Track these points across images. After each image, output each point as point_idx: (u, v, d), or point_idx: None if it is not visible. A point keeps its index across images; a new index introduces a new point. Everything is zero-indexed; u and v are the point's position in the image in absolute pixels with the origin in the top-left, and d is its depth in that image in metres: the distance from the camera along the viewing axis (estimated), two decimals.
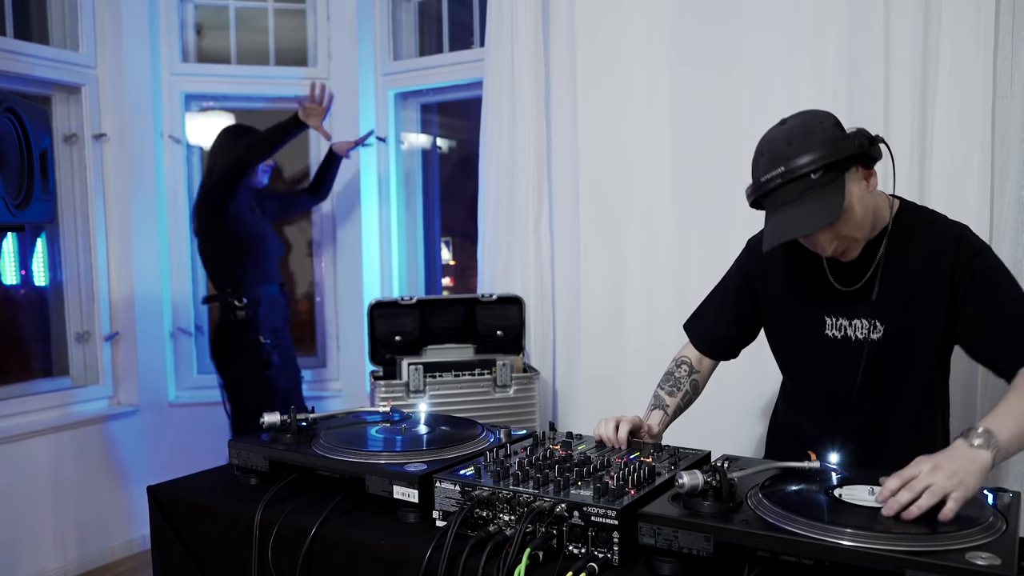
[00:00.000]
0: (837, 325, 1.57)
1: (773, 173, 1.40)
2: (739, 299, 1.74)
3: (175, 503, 1.64)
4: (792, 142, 1.40)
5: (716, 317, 1.78)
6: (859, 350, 1.54)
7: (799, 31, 2.35)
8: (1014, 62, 2.02)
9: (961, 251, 1.47)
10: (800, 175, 1.37)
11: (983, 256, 1.48)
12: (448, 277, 4.17)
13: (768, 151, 1.43)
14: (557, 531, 1.25)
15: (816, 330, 1.59)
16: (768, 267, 1.66)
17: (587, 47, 2.75)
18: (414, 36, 3.82)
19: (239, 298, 3.04)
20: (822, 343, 1.59)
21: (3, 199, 2.44)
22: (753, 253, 1.71)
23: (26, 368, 3.53)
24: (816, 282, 1.59)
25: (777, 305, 1.67)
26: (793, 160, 1.38)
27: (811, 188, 1.37)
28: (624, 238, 2.75)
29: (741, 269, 1.75)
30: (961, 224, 1.53)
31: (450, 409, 2.41)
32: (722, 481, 1.19)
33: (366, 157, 3.73)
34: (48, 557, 3.31)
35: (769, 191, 1.41)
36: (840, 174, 1.39)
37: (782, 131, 1.44)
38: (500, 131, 2.99)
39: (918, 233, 1.51)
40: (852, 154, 1.39)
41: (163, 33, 3.64)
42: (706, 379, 1.82)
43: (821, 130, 1.40)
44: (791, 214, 1.39)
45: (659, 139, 2.63)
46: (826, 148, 1.38)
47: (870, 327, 1.53)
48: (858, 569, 1.06)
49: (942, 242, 1.49)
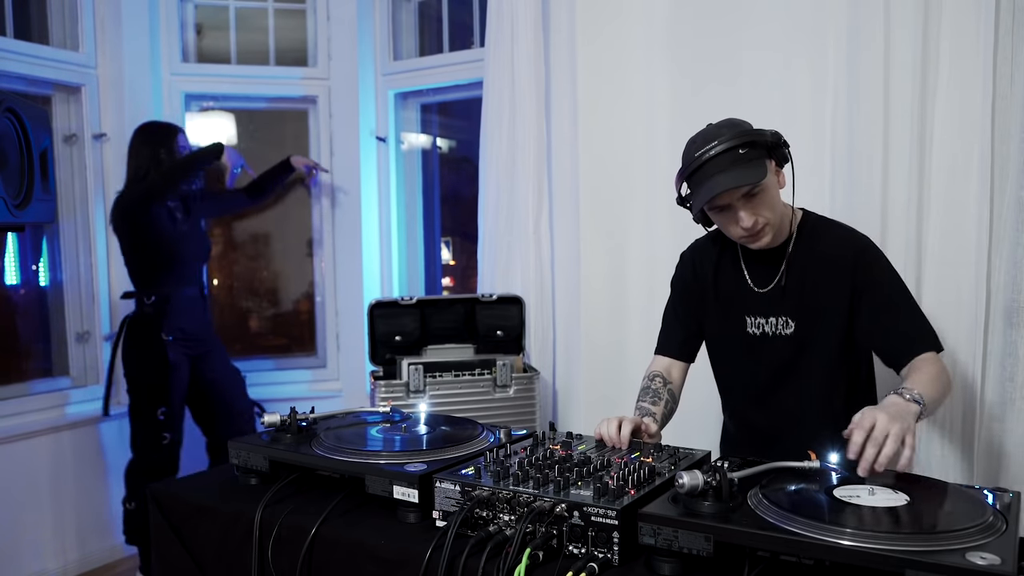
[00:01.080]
0: (756, 323, 1.78)
1: (706, 147, 1.61)
2: (687, 300, 1.91)
3: (175, 503, 1.64)
4: (720, 129, 1.64)
5: (677, 322, 1.93)
6: (775, 343, 1.76)
7: (799, 30, 2.35)
8: (1014, 62, 2.02)
9: (861, 256, 1.69)
10: (730, 148, 1.60)
11: (879, 262, 1.70)
12: (448, 277, 4.17)
13: (699, 138, 1.66)
14: (557, 531, 1.25)
15: (739, 328, 1.80)
16: (700, 274, 1.88)
17: (587, 46, 2.75)
18: (414, 36, 3.82)
19: (148, 295, 3.13)
20: (745, 339, 1.80)
21: (3, 199, 2.45)
22: (687, 262, 1.93)
23: (26, 368, 3.53)
24: (738, 286, 1.80)
25: (709, 308, 1.87)
26: (723, 138, 1.61)
27: (738, 160, 1.59)
28: (624, 238, 2.75)
29: (680, 279, 1.94)
30: (864, 235, 1.75)
31: (450, 409, 2.41)
32: (722, 481, 1.19)
33: (366, 157, 3.73)
34: (48, 557, 3.31)
35: (703, 163, 1.61)
36: (760, 156, 1.61)
37: (710, 127, 1.68)
38: (500, 131, 2.99)
39: (822, 238, 1.73)
40: (769, 143, 1.63)
41: (163, 33, 3.64)
42: (680, 388, 1.92)
43: (743, 124, 1.66)
44: (721, 177, 1.59)
45: (659, 139, 2.64)
46: (750, 134, 1.63)
47: (783, 323, 1.75)
48: (858, 569, 1.06)
49: (844, 248, 1.71)
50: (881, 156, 2.19)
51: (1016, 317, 2.04)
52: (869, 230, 1.81)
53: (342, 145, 3.75)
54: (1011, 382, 2.05)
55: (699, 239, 1.94)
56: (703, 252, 1.89)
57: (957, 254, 2.11)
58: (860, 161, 2.24)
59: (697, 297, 1.88)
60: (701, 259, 1.89)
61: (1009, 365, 2.05)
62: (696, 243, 1.94)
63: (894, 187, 2.19)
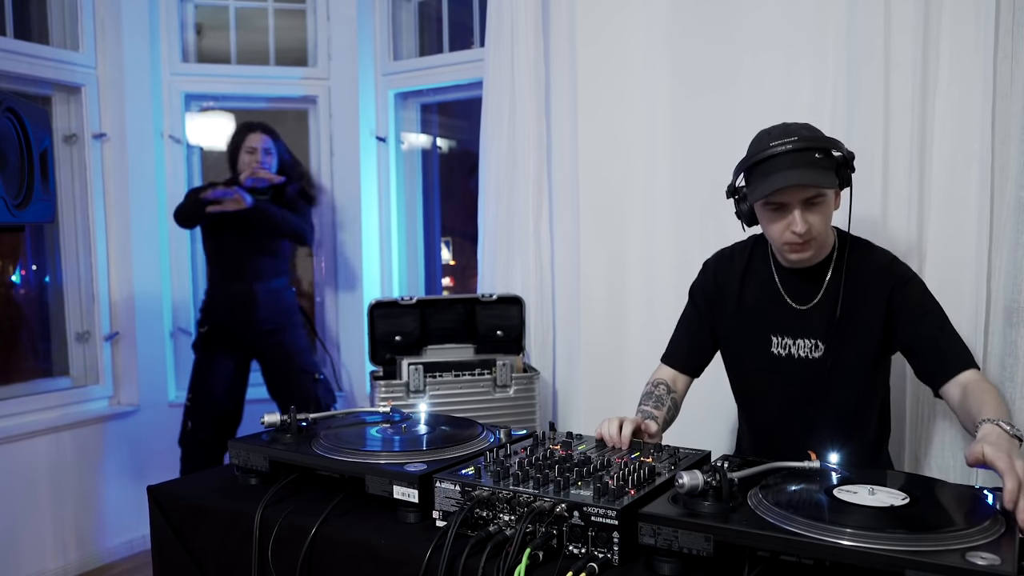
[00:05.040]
0: (783, 343, 1.73)
1: (785, 140, 1.57)
2: (705, 315, 1.87)
3: (175, 503, 1.64)
4: (800, 129, 1.61)
5: (692, 337, 1.89)
6: (801, 368, 1.71)
7: (799, 32, 2.35)
8: (1014, 62, 2.02)
9: (895, 278, 1.67)
10: (807, 148, 1.56)
11: (913, 281, 1.68)
12: (448, 277, 4.17)
13: (776, 130, 1.61)
14: (557, 531, 1.25)
15: (763, 347, 1.75)
16: (725, 285, 1.82)
17: (587, 46, 2.75)
18: (414, 36, 3.82)
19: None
20: (768, 359, 1.75)
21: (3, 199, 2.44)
22: (709, 272, 1.88)
23: (26, 368, 3.53)
24: (769, 301, 1.75)
25: (731, 323, 1.81)
26: (803, 137, 1.57)
27: (813, 163, 1.56)
28: (624, 238, 2.75)
29: (700, 288, 1.89)
30: (888, 252, 1.74)
31: (450, 409, 2.41)
32: (722, 481, 1.19)
33: (366, 157, 3.73)
34: (48, 557, 3.31)
35: (776, 154, 1.57)
36: (832, 167, 1.59)
37: (786, 124, 1.63)
38: (500, 131, 2.99)
39: (860, 259, 1.70)
40: (844, 158, 1.61)
41: (163, 33, 3.64)
42: (682, 398, 1.89)
43: (820, 131, 1.64)
44: (793, 172, 1.55)
45: (659, 139, 2.63)
46: (828, 143, 1.60)
47: (812, 346, 1.70)
48: (858, 569, 1.06)
49: (878, 269, 1.69)
50: (881, 156, 2.18)
51: (1016, 317, 2.04)
52: (869, 231, 1.82)
53: (342, 145, 3.75)
54: (1011, 382, 2.05)
55: (725, 248, 1.89)
56: (728, 262, 1.84)
57: (957, 254, 2.10)
58: (860, 161, 2.22)
59: (716, 309, 1.84)
60: (726, 269, 1.83)
61: (1009, 365, 2.05)
62: (722, 252, 1.90)
63: (894, 187, 2.18)
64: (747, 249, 1.83)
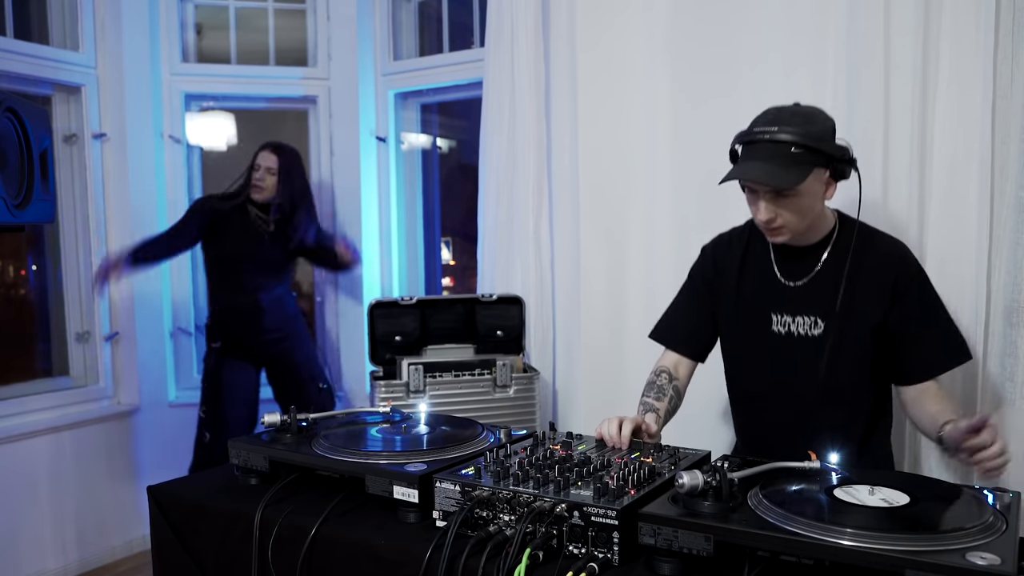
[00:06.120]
0: (782, 322, 1.72)
1: (766, 128, 1.57)
2: (704, 298, 1.87)
3: (175, 503, 1.64)
4: (796, 115, 1.58)
5: (688, 316, 1.90)
6: (801, 345, 1.70)
7: (799, 32, 2.35)
8: (1014, 62, 2.02)
9: (906, 267, 1.67)
10: (783, 141, 1.54)
11: (921, 276, 1.69)
12: (448, 277, 4.17)
13: (774, 113, 1.61)
14: (557, 531, 1.25)
15: (763, 327, 1.75)
16: (724, 268, 1.82)
17: (587, 46, 2.75)
18: (414, 36, 3.82)
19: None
20: (768, 339, 1.74)
21: (3, 199, 2.44)
22: (708, 257, 1.88)
23: (26, 368, 3.53)
24: (765, 281, 1.75)
25: (730, 304, 1.81)
26: (787, 128, 1.55)
27: (784, 156, 1.54)
28: (624, 238, 2.75)
29: (700, 272, 1.89)
30: (902, 242, 1.72)
31: (450, 409, 2.41)
32: (722, 481, 1.19)
33: (366, 157, 3.73)
34: (48, 557, 3.31)
35: (754, 140, 1.58)
36: (812, 162, 1.55)
37: (793, 106, 1.62)
38: (500, 131, 2.99)
39: (860, 242, 1.68)
40: (829, 155, 1.57)
41: (163, 33, 3.64)
42: (685, 385, 1.88)
43: (822, 122, 1.60)
44: (757, 165, 1.56)
45: (659, 138, 2.63)
46: (816, 138, 1.55)
47: (811, 323, 1.69)
48: (858, 569, 1.06)
49: (887, 256, 1.68)
50: (881, 156, 2.18)
51: (1016, 317, 2.04)
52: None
53: (342, 145, 3.75)
54: (1011, 382, 2.05)
55: (723, 233, 1.90)
56: (727, 247, 1.85)
57: (957, 254, 2.10)
58: (860, 161, 2.22)
59: (716, 292, 1.83)
60: (724, 254, 1.84)
61: (1009, 365, 2.05)
62: (720, 237, 1.90)
63: (894, 187, 2.18)
64: (744, 231, 1.83)
